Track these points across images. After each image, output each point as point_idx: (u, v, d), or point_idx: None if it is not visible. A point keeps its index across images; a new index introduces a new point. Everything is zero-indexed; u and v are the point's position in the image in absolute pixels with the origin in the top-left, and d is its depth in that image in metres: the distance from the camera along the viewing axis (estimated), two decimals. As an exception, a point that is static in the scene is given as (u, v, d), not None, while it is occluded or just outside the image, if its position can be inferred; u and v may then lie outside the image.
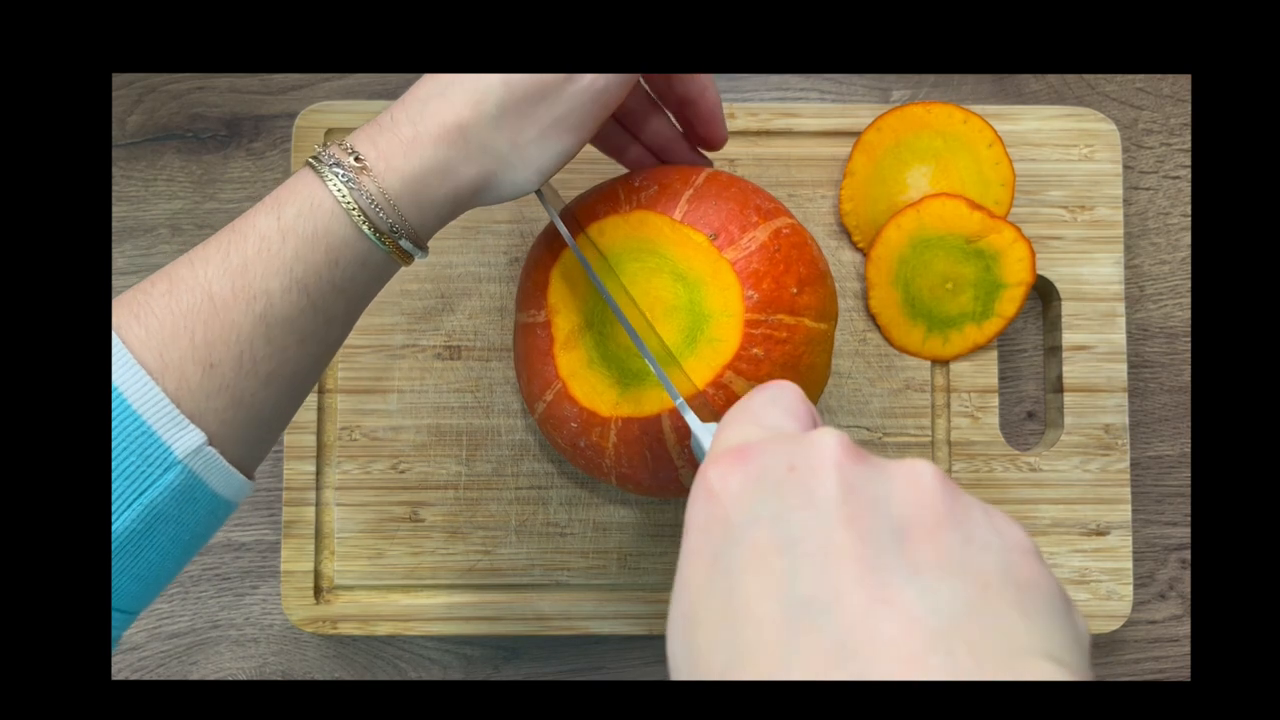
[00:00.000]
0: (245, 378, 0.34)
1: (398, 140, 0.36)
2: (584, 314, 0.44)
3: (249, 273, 0.34)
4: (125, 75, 0.57)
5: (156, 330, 0.33)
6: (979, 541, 0.23)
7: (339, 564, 0.53)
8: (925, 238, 0.53)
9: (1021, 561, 0.23)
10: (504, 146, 0.37)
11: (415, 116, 0.36)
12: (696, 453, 0.35)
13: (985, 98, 0.58)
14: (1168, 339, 0.57)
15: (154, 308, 0.33)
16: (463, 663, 0.56)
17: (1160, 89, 0.58)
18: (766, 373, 0.41)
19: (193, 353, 0.33)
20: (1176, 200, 0.58)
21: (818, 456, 0.24)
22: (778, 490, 0.24)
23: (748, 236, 0.42)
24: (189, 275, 0.34)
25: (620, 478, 0.45)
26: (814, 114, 0.55)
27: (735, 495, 0.24)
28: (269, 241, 0.35)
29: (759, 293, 0.41)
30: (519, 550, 0.53)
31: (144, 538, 0.32)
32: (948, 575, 0.22)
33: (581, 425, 0.44)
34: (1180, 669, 0.56)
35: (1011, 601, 0.22)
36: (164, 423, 0.32)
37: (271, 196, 0.36)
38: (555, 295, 0.44)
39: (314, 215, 0.35)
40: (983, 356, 0.54)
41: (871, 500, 0.23)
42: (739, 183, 0.45)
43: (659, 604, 0.53)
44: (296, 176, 0.36)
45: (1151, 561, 0.56)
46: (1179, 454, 0.57)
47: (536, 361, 0.45)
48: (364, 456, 0.53)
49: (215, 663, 0.56)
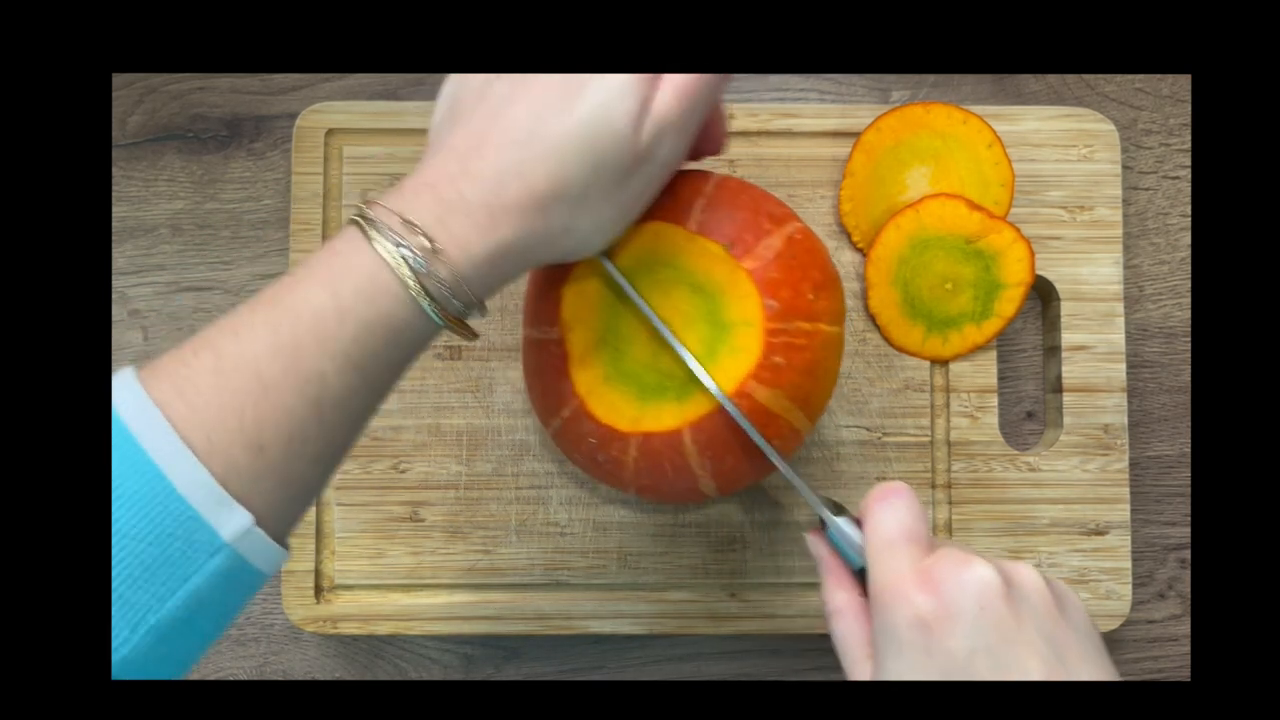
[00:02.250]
0: (294, 459, 0.32)
1: (473, 223, 0.34)
2: (598, 331, 0.44)
3: (301, 354, 0.32)
4: (126, 75, 0.57)
5: (203, 409, 0.31)
6: (1078, 625, 0.34)
7: (339, 563, 0.53)
8: (925, 238, 0.53)
9: (1097, 634, 0.35)
10: (586, 227, 0.36)
11: (490, 194, 0.34)
12: (839, 543, 0.39)
13: (985, 98, 0.58)
14: (1167, 339, 0.57)
15: (199, 385, 0.31)
16: (463, 662, 0.56)
17: (1160, 89, 0.58)
18: (788, 380, 0.42)
19: (241, 436, 0.31)
20: (1176, 200, 0.58)
21: (992, 595, 0.33)
22: (979, 629, 0.32)
23: (763, 244, 0.42)
24: (235, 351, 0.32)
25: (640, 489, 0.45)
26: (814, 114, 0.55)
27: (947, 630, 0.33)
28: (325, 322, 0.32)
29: (779, 301, 0.41)
30: (519, 550, 0.53)
31: (186, 625, 0.31)
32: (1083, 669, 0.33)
33: (600, 441, 0.44)
34: (1180, 669, 0.56)
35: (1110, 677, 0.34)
36: (211, 507, 0.30)
37: (324, 265, 0.33)
38: (569, 312, 0.44)
39: (376, 298, 0.33)
40: (982, 356, 0.54)
41: (1033, 623, 0.33)
42: (749, 189, 0.45)
43: (659, 603, 0.53)
44: (349, 243, 0.33)
45: (1150, 561, 0.56)
46: (1178, 454, 0.57)
47: (551, 378, 0.44)
48: (364, 456, 0.53)
49: (215, 662, 0.56)
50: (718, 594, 0.53)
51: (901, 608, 0.33)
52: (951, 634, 0.32)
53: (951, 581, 0.33)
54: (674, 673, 0.56)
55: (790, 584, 0.53)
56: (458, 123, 0.36)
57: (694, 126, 0.38)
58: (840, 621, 0.37)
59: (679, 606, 0.53)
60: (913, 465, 0.54)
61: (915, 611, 0.33)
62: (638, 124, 0.35)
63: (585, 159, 0.34)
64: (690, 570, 0.53)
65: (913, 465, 0.54)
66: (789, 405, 0.42)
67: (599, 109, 0.34)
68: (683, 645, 0.56)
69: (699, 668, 0.56)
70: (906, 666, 0.33)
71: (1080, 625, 0.34)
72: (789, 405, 0.42)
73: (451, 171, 0.34)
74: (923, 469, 0.54)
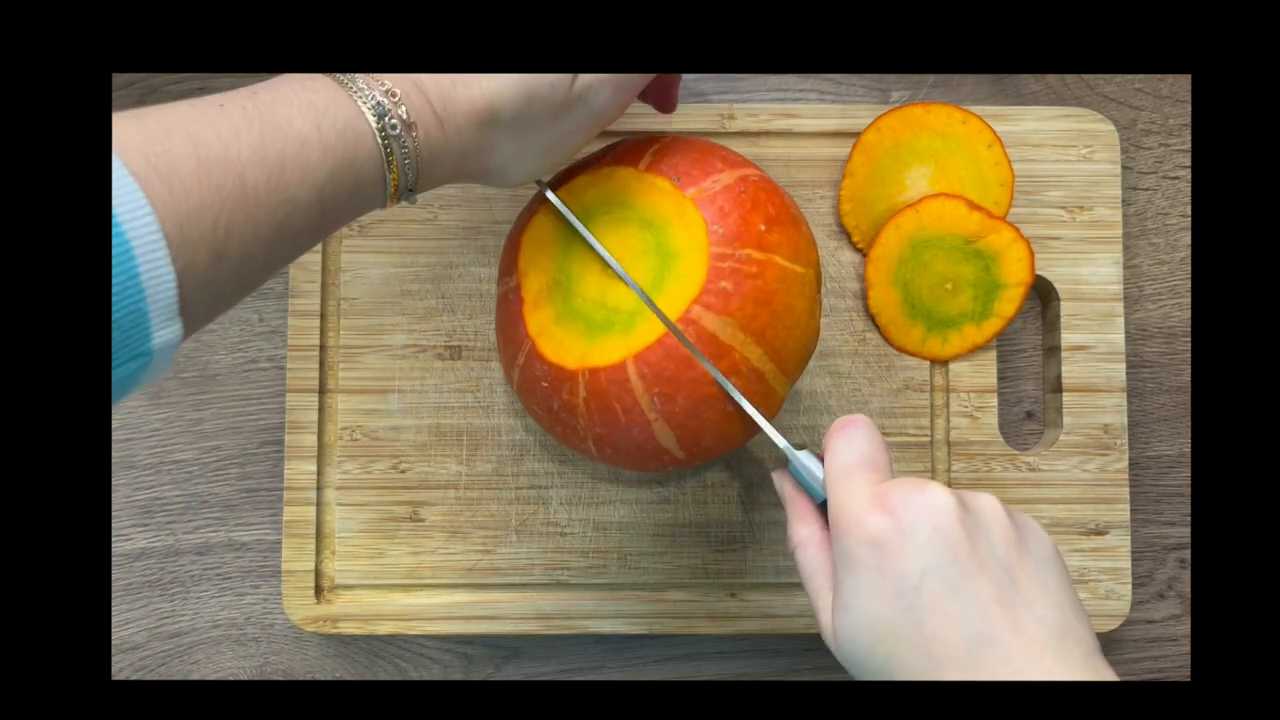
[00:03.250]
0: (237, 277, 0.31)
1: (432, 115, 0.36)
2: (551, 273, 0.44)
3: (285, 173, 0.31)
4: (126, 75, 0.57)
5: (182, 198, 0.28)
6: (1039, 557, 0.35)
7: (340, 563, 0.53)
8: (924, 238, 0.53)
9: (1061, 569, 0.35)
10: (510, 151, 0.39)
11: (440, 97, 0.36)
12: (802, 477, 0.39)
13: (984, 98, 0.58)
14: (1167, 339, 0.57)
15: (178, 169, 0.28)
16: (463, 662, 0.56)
17: (1159, 89, 0.58)
18: (738, 307, 0.40)
19: (212, 238, 0.29)
20: (1175, 200, 0.58)
21: (946, 517, 0.34)
22: (932, 548, 0.33)
23: (711, 179, 0.43)
24: (216, 145, 0.30)
25: (597, 441, 0.43)
26: (813, 115, 0.55)
27: (899, 549, 0.33)
28: (309, 150, 0.32)
29: (724, 227, 0.41)
30: (519, 550, 0.53)
31: None
32: (1042, 599, 0.33)
33: (552, 384, 0.43)
34: (1179, 669, 0.56)
35: (1072, 611, 0.34)
36: (160, 311, 0.28)
37: (300, 92, 0.33)
38: (525, 259, 0.45)
39: (355, 143, 0.34)
40: (982, 356, 0.54)
41: (988, 549, 0.34)
42: (709, 144, 0.45)
43: (659, 603, 0.53)
44: (330, 88, 0.34)
45: (1150, 561, 0.56)
46: (1178, 454, 0.57)
47: (509, 326, 0.45)
48: (365, 456, 0.53)
49: (216, 662, 0.56)
50: (718, 594, 0.53)
51: (856, 530, 0.34)
52: (903, 553, 0.33)
53: (905, 503, 0.34)
54: (674, 673, 0.56)
55: (790, 584, 0.53)
56: None
57: (632, 84, 0.41)
58: (804, 553, 0.38)
59: (679, 606, 0.53)
60: (912, 465, 0.54)
61: (869, 532, 0.34)
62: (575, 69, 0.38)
63: (520, 88, 0.37)
64: (690, 570, 0.53)
65: (912, 465, 0.54)
66: (742, 337, 0.41)
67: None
68: (683, 645, 0.56)
69: (699, 668, 0.56)
70: (862, 585, 0.34)
71: (1041, 556, 0.35)
72: (742, 337, 0.41)
73: (418, 78, 0.36)
74: (923, 469, 0.54)
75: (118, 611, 0.56)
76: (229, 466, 0.56)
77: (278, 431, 0.56)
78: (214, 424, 0.56)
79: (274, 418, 0.56)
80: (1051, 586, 0.34)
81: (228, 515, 0.56)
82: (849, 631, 0.35)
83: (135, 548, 0.56)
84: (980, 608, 0.33)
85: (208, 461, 0.56)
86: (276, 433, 0.56)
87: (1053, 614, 0.33)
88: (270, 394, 0.56)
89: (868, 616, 0.34)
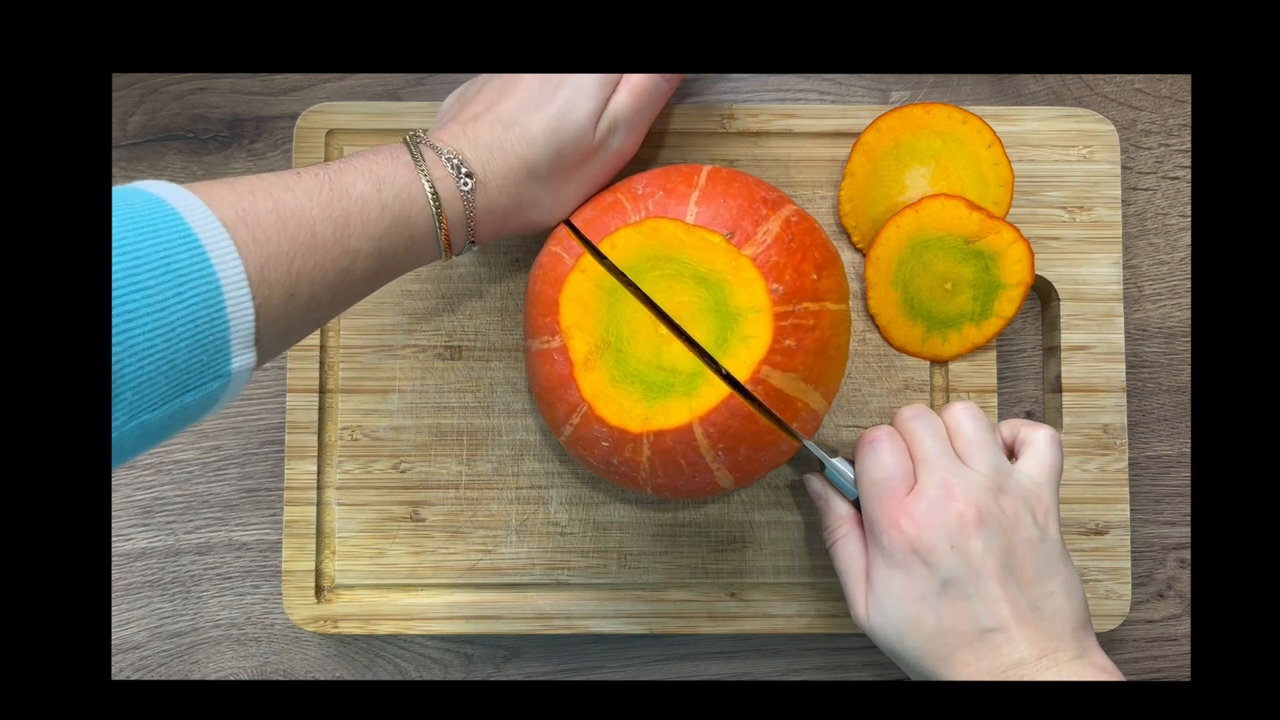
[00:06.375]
0: (305, 316, 0.36)
1: (479, 178, 0.41)
2: (599, 334, 0.44)
3: (349, 227, 0.36)
4: (126, 76, 0.57)
5: (265, 244, 0.33)
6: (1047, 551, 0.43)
7: (340, 563, 0.53)
8: (924, 238, 0.53)
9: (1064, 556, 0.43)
10: (549, 203, 0.45)
11: (480, 161, 0.42)
12: (837, 480, 0.47)
13: (984, 98, 0.58)
14: (1166, 339, 0.57)
15: (262, 222, 0.33)
16: (463, 662, 0.56)
17: (1159, 90, 0.58)
18: (801, 361, 0.42)
19: (286, 280, 0.34)
20: (1175, 200, 0.58)
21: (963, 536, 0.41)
22: (950, 563, 0.41)
23: (762, 230, 0.43)
24: (293, 204, 0.35)
25: (657, 488, 0.45)
26: (813, 115, 0.55)
27: (923, 560, 0.42)
28: (369, 208, 0.37)
29: (783, 285, 0.42)
30: (519, 550, 0.53)
31: (160, 430, 0.32)
32: (1039, 590, 0.42)
33: (613, 444, 0.44)
34: (1179, 668, 0.56)
35: (1064, 595, 0.42)
36: (241, 337, 0.32)
37: (364, 163, 0.39)
38: (567, 319, 0.45)
39: (410, 203, 0.39)
40: (981, 356, 0.54)
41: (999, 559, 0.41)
42: (740, 177, 0.46)
43: (659, 603, 0.53)
44: (391, 154, 0.40)
45: (1150, 561, 0.56)
46: (1177, 454, 0.57)
47: (558, 386, 0.45)
48: (365, 456, 0.53)
49: (216, 662, 0.56)
50: (718, 594, 0.53)
51: (887, 541, 0.43)
52: (927, 564, 0.42)
53: (930, 520, 0.42)
54: (674, 673, 0.56)
55: (790, 584, 0.53)
56: (463, 108, 0.45)
57: (643, 123, 0.47)
58: (843, 547, 0.46)
59: (679, 606, 0.53)
60: (912, 465, 0.54)
61: (898, 544, 0.42)
62: (596, 120, 0.44)
63: (551, 145, 0.43)
64: (690, 570, 0.53)
65: (912, 465, 0.54)
66: (804, 387, 0.43)
67: (565, 106, 0.43)
68: (682, 645, 0.56)
69: (699, 667, 0.56)
70: (894, 587, 0.42)
71: (1050, 546, 0.43)
72: (804, 387, 0.43)
73: (455, 134, 0.42)
74: (922, 469, 0.54)
75: (118, 611, 0.56)
76: (229, 466, 0.56)
77: (278, 431, 0.56)
78: (214, 424, 0.56)
79: (274, 418, 0.56)
80: (1049, 565, 0.42)
81: (228, 515, 0.56)
82: (880, 622, 0.43)
83: (136, 548, 0.56)
84: (989, 605, 0.41)
85: (208, 461, 0.56)
86: (277, 433, 0.56)
87: (1048, 602, 0.41)
88: (270, 394, 0.56)
89: (897, 613, 0.42)
